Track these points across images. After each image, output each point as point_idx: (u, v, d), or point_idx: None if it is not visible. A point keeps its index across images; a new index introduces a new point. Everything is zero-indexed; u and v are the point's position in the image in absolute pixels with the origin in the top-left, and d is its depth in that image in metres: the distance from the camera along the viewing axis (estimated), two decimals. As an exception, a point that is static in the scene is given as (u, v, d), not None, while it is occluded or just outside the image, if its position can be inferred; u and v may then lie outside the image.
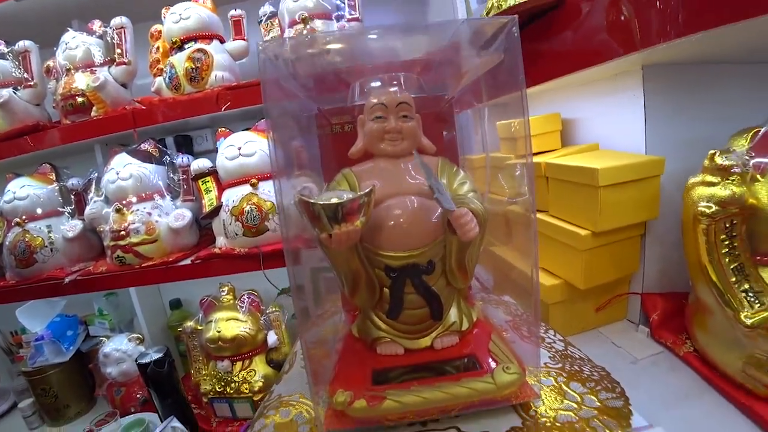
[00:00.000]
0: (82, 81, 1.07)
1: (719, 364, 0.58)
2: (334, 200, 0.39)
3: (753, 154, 0.54)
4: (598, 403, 0.41)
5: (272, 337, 1.05)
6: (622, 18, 0.55)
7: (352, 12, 1.03)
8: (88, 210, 1.07)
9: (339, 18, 1.03)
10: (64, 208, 1.12)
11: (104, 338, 1.18)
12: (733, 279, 0.54)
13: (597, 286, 0.68)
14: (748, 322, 0.51)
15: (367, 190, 0.39)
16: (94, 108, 1.07)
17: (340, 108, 0.56)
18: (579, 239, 0.64)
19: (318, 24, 1.00)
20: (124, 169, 1.04)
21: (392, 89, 0.48)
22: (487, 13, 0.70)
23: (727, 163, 0.53)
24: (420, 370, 0.43)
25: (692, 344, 0.63)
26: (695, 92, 0.66)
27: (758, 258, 0.55)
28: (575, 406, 0.41)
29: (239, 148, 0.96)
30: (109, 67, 1.09)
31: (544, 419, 0.39)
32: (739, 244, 0.54)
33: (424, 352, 0.46)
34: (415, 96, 0.50)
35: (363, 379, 0.43)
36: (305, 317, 0.43)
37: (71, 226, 1.08)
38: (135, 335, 1.16)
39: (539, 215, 0.74)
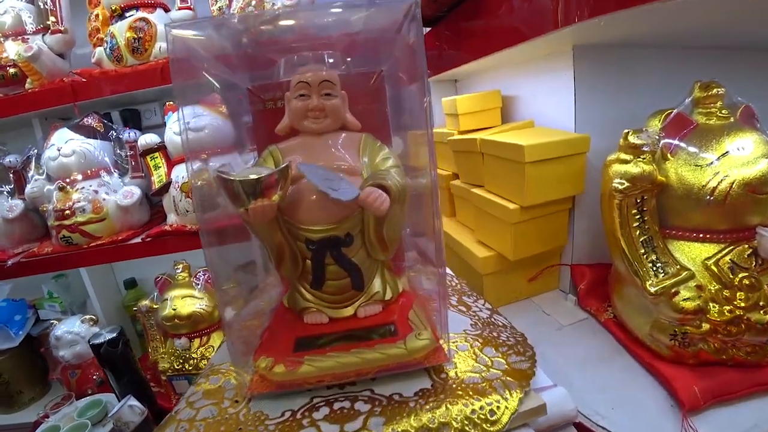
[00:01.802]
0: (12, 50, 1.01)
1: (632, 329, 0.64)
2: (252, 176, 0.40)
3: (663, 135, 0.59)
4: (506, 366, 0.45)
5: (230, 313, 1.06)
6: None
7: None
8: (29, 189, 1.04)
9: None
10: (2, 187, 1.08)
11: (55, 321, 1.16)
12: (642, 251, 0.58)
13: (530, 257, 0.73)
14: (653, 290, 0.56)
15: (282, 166, 0.41)
16: (28, 80, 1.02)
17: (269, 84, 0.56)
18: (508, 212, 0.68)
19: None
20: (65, 145, 1.01)
21: (316, 67, 0.49)
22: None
23: (638, 141, 0.57)
24: (342, 338, 0.46)
25: (612, 311, 0.69)
26: (622, 74, 0.69)
27: (667, 231, 0.60)
28: (484, 368, 0.44)
29: (188, 123, 0.95)
30: (43, 35, 1.04)
31: (452, 381, 0.43)
32: (649, 219, 0.59)
33: (347, 320, 0.48)
34: (344, 74, 0.51)
35: (286, 347, 0.45)
36: (224, 294, 0.45)
37: (11, 206, 1.05)
38: (88, 317, 1.15)
39: (476, 190, 0.77)
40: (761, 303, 0.54)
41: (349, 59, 0.53)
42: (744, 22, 0.60)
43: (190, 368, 1.02)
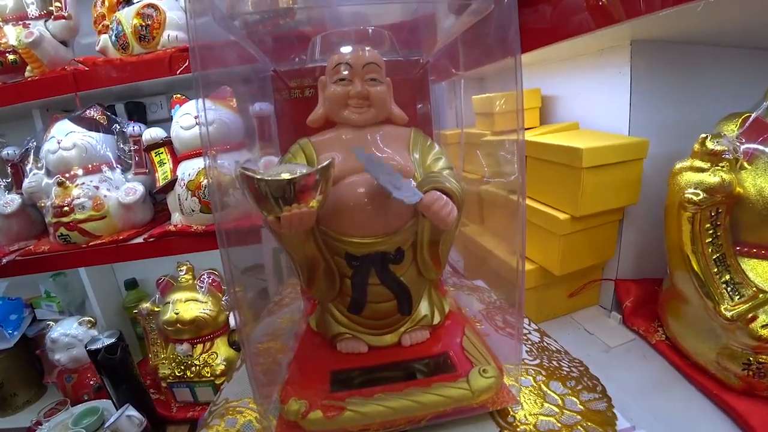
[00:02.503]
0: (12, 36, 0.91)
1: (692, 354, 0.55)
2: (285, 175, 0.30)
3: (743, 140, 0.50)
4: (581, 406, 0.36)
5: (234, 319, 0.97)
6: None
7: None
8: (26, 183, 0.95)
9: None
10: (-1, 180, 0.98)
11: (52, 322, 1.06)
12: (715, 270, 0.50)
13: (571, 272, 0.64)
14: (728, 314, 0.47)
15: (324, 164, 0.31)
16: (27, 68, 0.91)
17: (300, 69, 0.47)
18: (557, 223, 0.59)
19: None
20: (66, 137, 0.91)
21: (360, 47, 0.39)
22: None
23: (718, 148, 0.48)
24: (385, 371, 0.37)
25: (664, 332, 0.60)
26: (683, 73, 0.61)
27: (738, 249, 0.51)
28: (556, 410, 0.36)
29: (196, 117, 0.85)
30: (46, 21, 0.94)
31: (523, 427, 0.34)
32: (722, 234, 0.50)
33: (390, 349, 0.39)
34: (386, 59, 0.42)
35: (320, 384, 0.36)
36: (247, 314, 0.35)
37: (8, 201, 0.95)
38: (86, 318, 1.05)
39: (514, 197, 0.68)
40: None
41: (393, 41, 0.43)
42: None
43: (192, 375, 0.93)
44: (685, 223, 0.49)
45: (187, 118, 0.87)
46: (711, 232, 0.50)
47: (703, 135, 0.49)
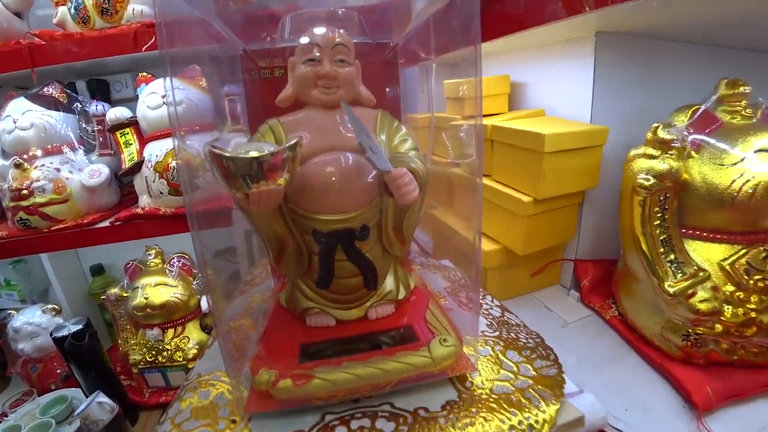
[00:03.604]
0: (-41, 5, 0.86)
1: (640, 328, 0.60)
2: (252, 153, 0.32)
3: (691, 131, 0.54)
4: (534, 372, 0.40)
5: (206, 302, 0.97)
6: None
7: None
8: (-20, 165, 0.90)
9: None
10: (-52, 161, 0.93)
11: (13, 311, 1.03)
12: (661, 250, 0.54)
13: (534, 252, 0.68)
14: (671, 290, 0.52)
15: (292, 142, 0.33)
16: (-22, 40, 0.87)
17: (269, 49, 0.47)
18: (521, 205, 0.62)
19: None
20: (23, 116, 0.88)
21: (329, 28, 0.40)
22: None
23: (668, 137, 0.52)
24: (352, 343, 0.39)
25: (617, 309, 0.65)
26: (643, 66, 0.65)
27: (684, 231, 0.56)
28: (511, 376, 0.39)
29: (163, 96, 0.84)
30: (-3, -10, 0.89)
31: (480, 391, 0.37)
32: (670, 217, 0.55)
33: (356, 323, 0.42)
34: (356, 41, 0.43)
35: (290, 355, 0.38)
36: (217, 292, 0.36)
37: (-40, 183, 0.91)
38: (50, 306, 1.02)
39: (483, 180, 0.71)
40: (774, 305, 0.51)
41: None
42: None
43: (164, 360, 0.93)
44: (636, 206, 0.54)
45: (154, 98, 0.86)
46: (659, 215, 0.54)
47: (656, 124, 0.53)
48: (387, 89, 0.51)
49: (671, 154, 0.53)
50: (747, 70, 0.66)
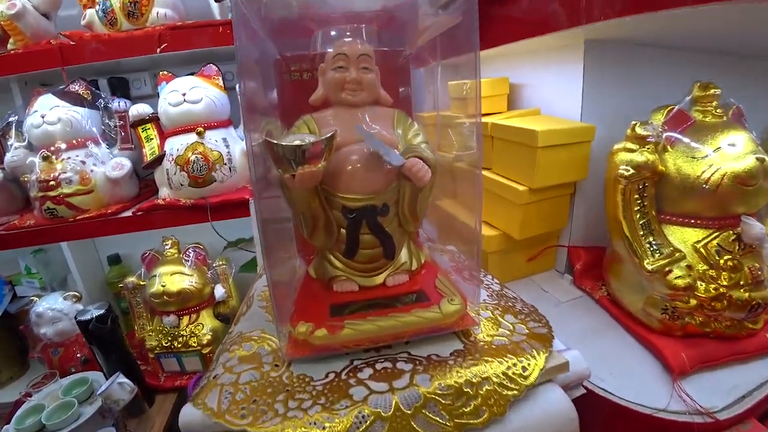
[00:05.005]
0: (-6, 7, 0.94)
1: (625, 305, 0.69)
2: (298, 142, 0.41)
3: (666, 128, 0.63)
4: (527, 330, 0.48)
5: (219, 291, 1.04)
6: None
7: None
8: (8, 158, 0.99)
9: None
10: (-23, 155, 1.01)
11: (35, 298, 1.10)
12: (641, 233, 0.63)
13: (530, 238, 0.77)
14: (649, 267, 0.61)
15: (329, 135, 0.42)
16: (10, 40, 0.95)
17: (301, 55, 0.56)
18: (517, 194, 0.72)
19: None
20: (50, 112, 0.96)
21: (354, 41, 0.49)
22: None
23: (644, 133, 0.61)
24: (374, 305, 0.48)
25: (606, 289, 0.75)
26: (628, 70, 0.74)
27: (662, 216, 0.65)
28: (508, 332, 0.48)
29: (184, 94, 0.92)
30: (28, -8, 0.97)
31: (482, 343, 0.46)
32: (648, 204, 0.64)
33: (377, 288, 0.51)
34: (375, 49, 0.52)
35: (322, 313, 0.46)
36: (270, 250, 0.45)
37: (-11, 176, 0.99)
38: (71, 293, 1.10)
39: (483, 172, 0.80)
40: (741, 282, 0.60)
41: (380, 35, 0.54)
42: (742, 29, 0.66)
43: (179, 346, 1.00)
44: (618, 194, 0.63)
45: (175, 95, 0.94)
46: (639, 201, 0.63)
47: (634, 122, 0.62)
48: (401, 89, 0.60)
49: (648, 148, 0.62)
50: (723, 72, 0.75)
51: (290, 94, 0.57)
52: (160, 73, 0.98)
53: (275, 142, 0.40)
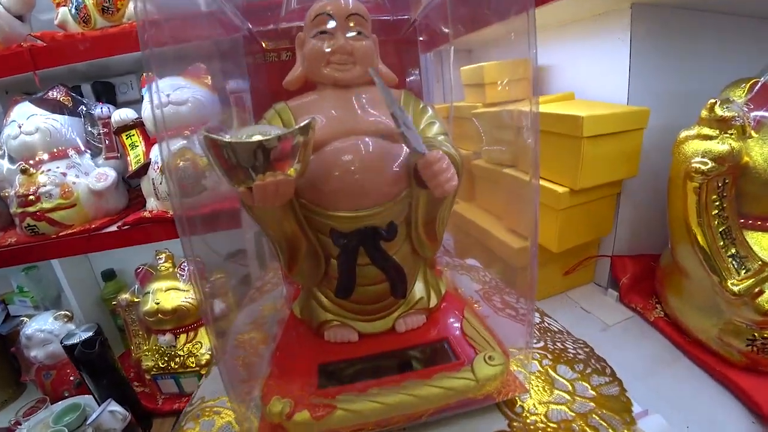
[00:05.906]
0: (-41, 8, 0.81)
1: (692, 330, 0.52)
2: (256, 138, 0.25)
3: (752, 106, 0.46)
4: (593, 392, 0.32)
5: (219, 306, 0.91)
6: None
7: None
8: (-14, 171, 0.86)
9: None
10: (-46, 168, 0.89)
11: (26, 318, 0.98)
12: (721, 243, 0.46)
13: (568, 248, 0.60)
14: (735, 289, 0.44)
15: (303, 124, 0.26)
16: (-20, 45, 0.82)
17: (276, 30, 0.40)
18: (556, 197, 0.54)
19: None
20: (27, 121, 0.83)
21: (341, -5, 0.33)
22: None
23: (728, 114, 0.44)
24: (379, 362, 0.32)
25: (663, 309, 0.57)
26: (685, 41, 0.56)
27: (742, 221, 0.48)
28: (567, 397, 0.32)
29: (168, 96, 0.78)
30: (-3, -8, 0.84)
31: (533, 417, 0.30)
32: (728, 206, 0.47)
33: (383, 337, 0.34)
34: (373, 18, 0.36)
35: (306, 378, 0.31)
36: (212, 310, 0.29)
37: (-34, 191, 0.86)
38: (62, 312, 0.98)
39: (509, 170, 0.63)
40: None
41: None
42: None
43: (177, 366, 0.88)
44: (691, 194, 0.46)
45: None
46: (717, 203, 0.46)
47: (712, 100, 0.45)
48: (409, 70, 0.44)
49: (731, 134, 0.45)
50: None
51: (266, 80, 0.42)
52: (144, 74, 0.85)
53: (223, 140, 0.25)
